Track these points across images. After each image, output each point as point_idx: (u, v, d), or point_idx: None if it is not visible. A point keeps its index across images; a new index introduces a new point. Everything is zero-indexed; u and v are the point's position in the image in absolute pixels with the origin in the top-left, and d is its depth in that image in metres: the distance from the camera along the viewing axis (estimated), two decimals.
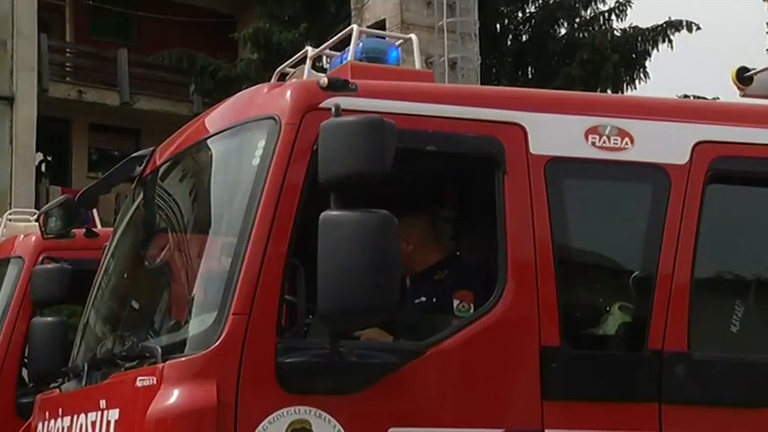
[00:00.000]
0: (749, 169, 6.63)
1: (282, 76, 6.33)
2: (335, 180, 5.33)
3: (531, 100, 6.70)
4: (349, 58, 6.40)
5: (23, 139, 25.66)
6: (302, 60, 6.30)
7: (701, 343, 6.30)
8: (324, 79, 5.95)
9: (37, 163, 26.20)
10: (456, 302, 6.13)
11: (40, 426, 6.97)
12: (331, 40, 6.61)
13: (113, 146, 26.50)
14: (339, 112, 5.48)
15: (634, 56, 26.64)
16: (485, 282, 6.15)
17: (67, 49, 29.09)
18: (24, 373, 9.51)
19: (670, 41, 26.13)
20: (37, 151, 26.20)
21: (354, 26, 6.46)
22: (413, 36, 6.74)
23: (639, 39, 26.61)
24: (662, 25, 26.21)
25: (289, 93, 5.96)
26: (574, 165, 6.27)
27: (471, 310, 6.10)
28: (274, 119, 5.81)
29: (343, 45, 6.53)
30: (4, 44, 25.90)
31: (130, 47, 28.45)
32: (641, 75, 26.50)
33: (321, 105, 5.71)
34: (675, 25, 26.27)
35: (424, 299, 6.25)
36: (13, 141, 25.41)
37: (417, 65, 6.76)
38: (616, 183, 6.46)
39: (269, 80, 6.70)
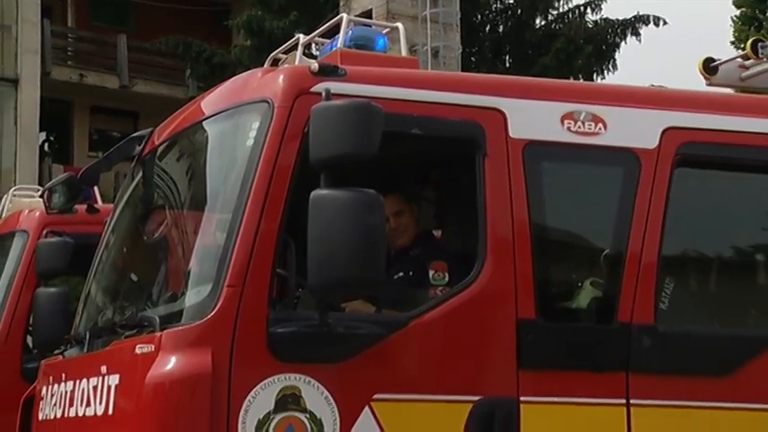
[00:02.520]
0: (714, 154, 6.67)
1: (275, 62, 6.36)
2: (325, 161, 5.38)
3: (511, 86, 6.74)
4: (338, 46, 6.44)
5: (27, 119, 25.68)
6: (294, 47, 6.33)
7: (666, 316, 6.38)
8: (315, 65, 6.00)
9: (40, 142, 26.11)
10: (431, 272, 6.20)
11: (44, 389, 7.00)
12: (321, 28, 6.64)
13: (113, 127, 26.45)
14: (329, 96, 5.54)
15: (604, 47, 26.65)
16: (458, 253, 6.26)
17: (69, 35, 29.00)
18: (29, 340, 9.56)
19: (638, 34, 26.24)
20: (40, 131, 26.11)
21: (344, 15, 6.48)
22: (399, 25, 6.76)
23: (610, 31, 26.65)
24: (631, 19, 26.32)
25: (281, 77, 6.00)
26: (550, 148, 6.32)
27: (446, 279, 6.17)
28: (267, 102, 5.86)
29: (332, 33, 6.57)
30: (9, 29, 25.85)
31: (129, 33, 28.39)
32: (610, 66, 26.55)
33: (312, 90, 5.76)
34: (644, 19, 26.40)
35: (401, 273, 6.29)
36: (17, 122, 25.39)
37: (403, 52, 6.80)
38: (590, 165, 6.52)
39: (262, 66, 6.72)
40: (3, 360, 9.90)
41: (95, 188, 10.07)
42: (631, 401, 6.16)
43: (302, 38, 6.34)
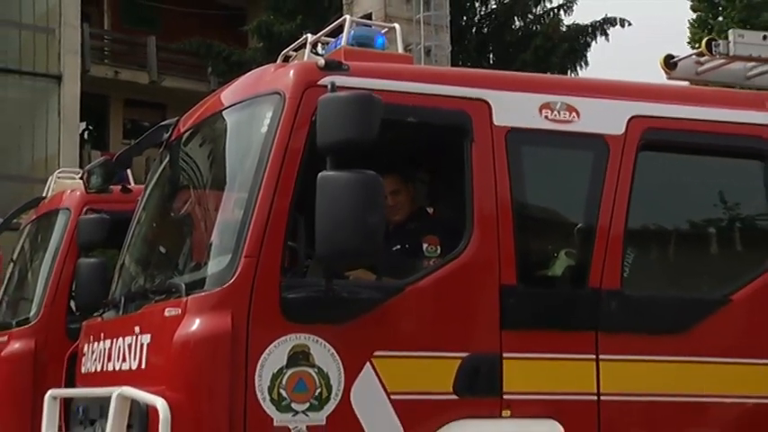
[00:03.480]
0: (674, 139, 6.64)
1: (286, 59, 6.33)
2: (331, 145, 5.38)
3: (495, 80, 6.71)
4: (342, 44, 6.40)
5: (69, 111, 25.60)
6: (303, 45, 6.30)
7: (630, 282, 6.36)
8: (321, 61, 5.97)
9: (80, 131, 26.08)
10: (425, 245, 6.16)
11: (85, 347, 6.99)
12: (327, 28, 6.60)
13: (144, 117, 26.38)
14: (334, 88, 5.54)
15: (577, 46, 26.61)
16: (448, 228, 6.21)
17: (105, 37, 29.01)
18: (72, 304, 9.53)
19: (607, 34, 26.29)
20: (80, 122, 26.08)
21: (347, 16, 6.49)
22: (396, 26, 6.73)
23: (582, 32, 26.60)
24: (600, 21, 26.34)
25: (292, 72, 5.96)
26: (530, 134, 6.28)
27: (438, 251, 6.13)
28: (280, 94, 5.83)
29: (336, 33, 6.54)
30: (53, 31, 25.81)
31: (157, 35, 28.34)
32: (582, 62, 26.52)
33: (319, 83, 5.72)
34: (611, 21, 26.39)
35: (398, 246, 6.25)
36: (60, 114, 25.35)
37: (399, 50, 6.75)
38: (564, 149, 6.47)
39: (273, 62, 6.67)
40: (50, 321, 9.86)
41: (128, 171, 10.09)
42: (600, 356, 6.15)
43: (310, 37, 6.32)
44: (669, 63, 7.45)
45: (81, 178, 10.04)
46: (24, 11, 26.00)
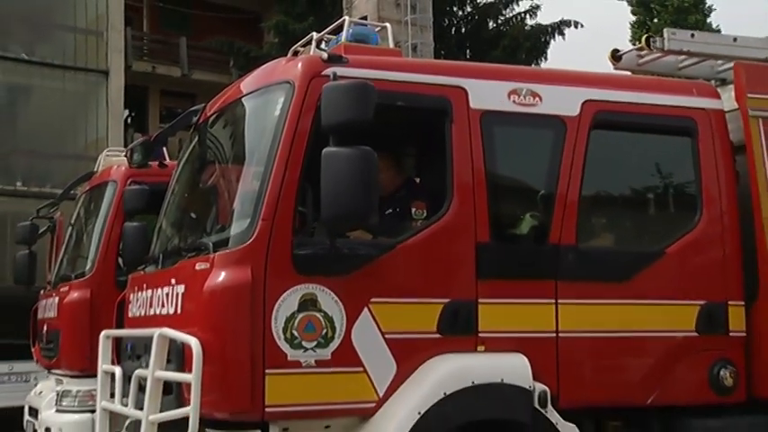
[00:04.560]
0: (620, 119, 6.60)
1: (295, 53, 6.28)
2: (333, 126, 5.33)
3: (471, 70, 6.65)
4: (342, 40, 6.33)
5: (115, 101, 25.50)
6: (309, 42, 6.24)
7: (584, 239, 6.35)
8: (325, 55, 5.91)
9: (124, 117, 26.06)
10: (413, 209, 6.11)
11: (131, 296, 6.95)
12: (329, 27, 6.54)
13: (177, 105, 26.21)
14: (336, 77, 5.47)
15: (539, 44, 26.57)
16: (432, 195, 6.16)
17: (144, 38, 28.94)
18: (119, 260, 9.53)
19: (563, 34, 26.27)
20: (124, 109, 26.06)
21: (346, 18, 6.45)
22: (387, 25, 6.69)
23: (542, 32, 26.56)
24: (557, 23, 26.33)
25: (300, 64, 5.90)
26: (500, 116, 6.23)
27: (424, 214, 6.08)
28: (290, 83, 5.78)
29: (337, 31, 6.47)
30: (101, 34, 25.73)
31: (188, 35, 28.29)
32: (543, 57, 26.50)
33: (323, 73, 5.65)
34: (566, 23, 26.35)
35: (390, 210, 6.19)
36: (108, 103, 25.29)
37: (390, 45, 6.69)
38: (529, 128, 6.43)
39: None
40: (102, 275, 9.88)
41: (164, 149, 10.03)
42: (558, 301, 6.14)
43: (315, 35, 6.26)
44: (615, 56, 7.46)
45: (125, 156, 10.10)
46: (78, 17, 25.78)
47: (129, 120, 26.72)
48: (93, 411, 7.38)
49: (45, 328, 10.87)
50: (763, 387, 6.60)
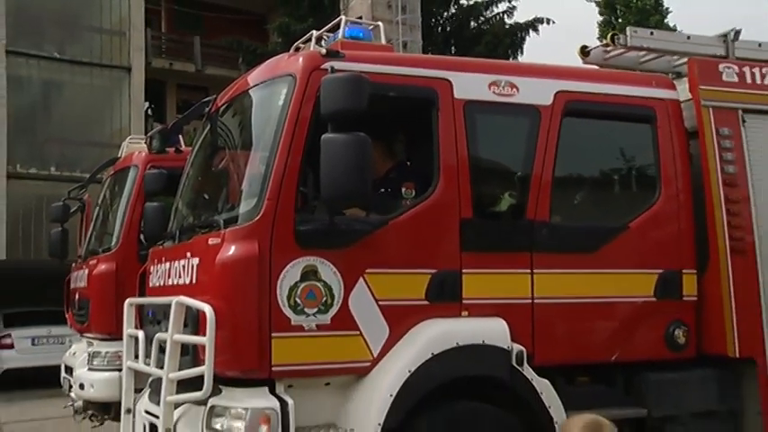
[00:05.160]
0: (588, 108, 6.53)
1: (297, 49, 6.22)
2: (331, 114, 5.27)
3: (455, 64, 6.54)
4: (339, 38, 6.25)
5: (136, 94, 25.43)
6: (309, 39, 6.19)
7: (556, 215, 6.29)
8: (323, 50, 5.84)
9: (145, 109, 26.03)
10: (403, 189, 6.04)
11: (151, 268, 6.90)
12: (328, 26, 6.47)
13: (191, 97, 25.97)
14: (334, 70, 5.44)
15: (516, 40, 26.45)
16: (421, 176, 6.09)
17: (162, 37, 28.83)
18: (141, 236, 9.49)
19: (537, 30, 26.18)
20: (145, 101, 26.02)
21: (343, 17, 6.40)
22: (380, 24, 6.61)
23: (519, 30, 26.45)
24: (532, 20, 26.24)
25: (301, 59, 5.82)
26: (481, 105, 6.16)
27: (413, 193, 6.02)
28: (292, 76, 5.71)
29: (334, 29, 6.40)
30: (124, 34, 25.64)
31: (201, 35, 28.23)
32: (519, 52, 26.37)
33: (322, 67, 5.60)
34: (540, 20, 26.21)
35: (383, 190, 6.13)
36: (130, 96, 25.23)
37: (382, 42, 6.61)
38: (507, 116, 6.35)
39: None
40: (125, 249, 9.86)
41: (180, 136, 9.98)
42: (534, 270, 6.10)
43: (315, 33, 6.20)
44: (584, 52, 7.38)
45: (145, 143, 10.11)
46: (104, 19, 25.67)
47: (149, 111, 26.64)
48: (120, 370, 7.38)
49: (77, 296, 10.89)
50: (710, 344, 6.60)
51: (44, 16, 24.46)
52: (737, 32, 7.30)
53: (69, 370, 10.78)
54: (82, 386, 9.89)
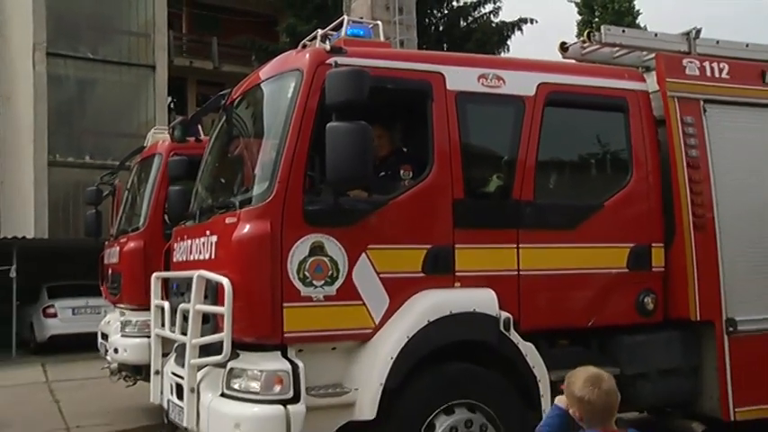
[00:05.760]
0: (568, 99, 6.42)
1: (304, 46, 6.10)
2: (335, 105, 5.19)
3: (448, 59, 6.41)
4: (342, 35, 6.11)
5: (160, 90, 25.35)
6: (315, 37, 6.08)
7: (539, 195, 6.18)
8: (328, 47, 5.74)
9: (168, 103, 25.93)
10: (402, 172, 5.93)
11: (175, 245, 6.81)
12: (331, 25, 6.34)
13: (209, 92, 25.72)
14: (337, 65, 5.35)
15: (502, 38, 26.27)
16: (417, 160, 5.98)
17: (183, 38, 28.68)
18: (165, 217, 9.40)
19: (521, 29, 25.98)
20: (168, 96, 25.92)
21: (345, 17, 6.27)
22: (379, 23, 6.46)
23: (505, 28, 26.26)
24: (517, 20, 26.09)
25: (307, 55, 5.70)
26: (472, 96, 6.04)
27: (411, 175, 5.90)
28: (300, 70, 5.61)
29: (338, 28, 6.25)
30: (149, 36, 25.56)
31: (218, 35, 28.10)
32: (505, 49, 26.16)
33: (327, 62, 5.51)
34: (524, 20, 26.03)
35: (383, 173, 6.02)
36: (155, 91, 25.19)
37: (381, 39, 6.48)
38: (495, 106, 6.22)
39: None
40: (152, 228, 9.75)
41: (199, 127, 9.85)
42: (520, 245, 6.02)
43: (320, 31, 6.09)
44: (563, 47, 7.29)
45: (168, 133, 9.97)
46: (131, 22, 25.62)
47: (171, 105, 26.49)
48: (149, 336, 7.31)
49: (110, 271, 10.83)
50: (675, 309, 6.56)
51: (79, 21, 24.42)
52: (698, 31, 7.21)
53: (105, 336, 10.74)
54: (116, 351, 9.85)
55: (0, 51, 26.93)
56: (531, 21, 26.23)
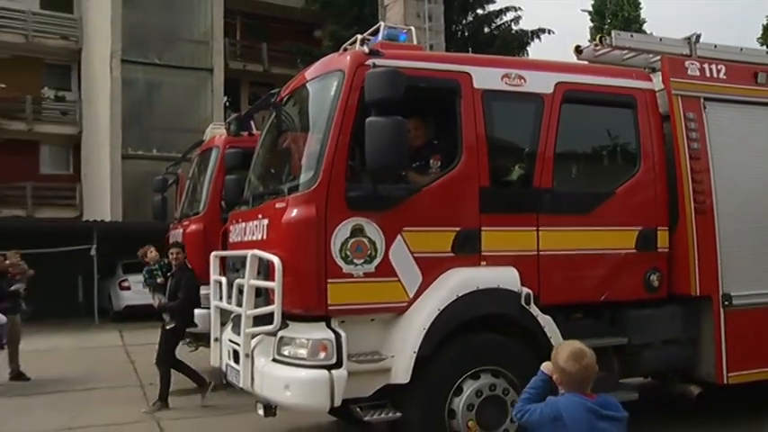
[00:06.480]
0: (582, 96, 6.25)
1: (345, 50, 5.98)
2: (374, 102, 5.08)
3: (474, 60, 6.29)
4: (379, 39, 6.00)
5: (217, 90, 25.39)
6: (355, 41, 5.95)
7: (558, 183, 6.02)
8: (366, 49, 5.61)
9: (224, 101, 25.98)
10: (432, 161, 5.82)
11: (231, 227, 6.74)
12: (369, 30, 6.22)
13: (260, 92, 25.77)
14: (375, 66, 5.25)
15: (522, 44, 25.90)
16: (447, 151, 5.83)
17: (237, 44, 28.58)
18: (222, 202, 9.34)
19: (539, 37, 25.57)
20: (224, 96, 25.96)
21: (382, 22, 6.16)
22: (412, 28, 6.36)
23: (525, 36, 25.87)
24: (536, 29, 25.70)
25: (348, 57, 5.59)
26: (496, 93, 5.88)
27: (440, 164, 5.78)
28: (341, 71, 5.50)
29: (375, 33, 6.14)
30: (207, 43, 25.60)
31: (267, 42, 27.99)
32: (525, 53, 25.67)
33: (366, 63, 5.40)
34: (542, 30, 25.65)
35: (417, 163, 5.86)
36: (212, 92, 25.23)
37: (414, 43, 6.34)
38: (517, 103, 6.04)
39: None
40: (211, 212, 9.68)
41: (252, 122, 9.74)
42: (540, 228, 5.88)
43: (359, 36, 5.97)
44: (578, 50, 7.12)
45: (225, 128, 9.94)
46: (192, 31, 25.61)
47: (227, 103, 26.47)
48: (209, 308, 7.25)
49: None
50: (678, 286, 6.44)
51: (148, 32, 24.51)
52: (698, 36, 7.08)
53: None
54: None
55: (85, 60, 27.22)
56: (549, 31, 25.81)
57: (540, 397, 3.63)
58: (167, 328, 8.78)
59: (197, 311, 9.26)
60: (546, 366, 3.67)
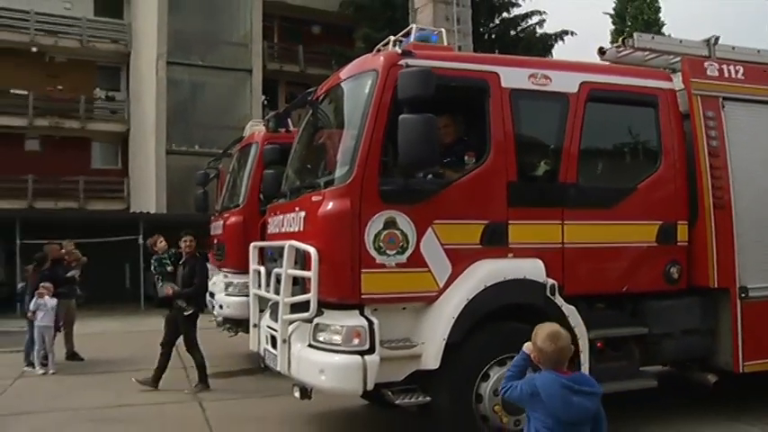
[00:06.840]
0: (606, 95, 6.10)
1: (378, 51, 5.88)
2: (406, 100, 5.01)
3: (502, 60, 6.15)
4: (411, 40, 5.90)
5: (256, 90, 25.41)
6: (388, 43, 5.86)
7: (582, 178, 5.91)
8: (399, 50, 5.52)
9: (262, 100, 25.99)
10: (466, 158, 5.69)
11: (269, 219, 6.70)
12: (402, 32, 6.12)
13: (297, 91, 25.69)
14: (408, 66, 5.17)
15: (546, 46, 25.54)
16: (477, 148, 5.71)
17: (275, 46, 28.49)
18: (261, 195, 9.31)
19: (563, 39, 25.19)
20: (263, 95, 25.96)
21: (413, 25, 6.07)
22: (442, 30, 6.21)
23: (549, 38, 25.52)
24: (559, 32, 25.31)
25: (382, 57, 5.50)
26: (523, 92, 5.76)
27: (474, 160, 5.66)
28: (375, 71, 5.41)
29: (407, 35, 6.04)
30: (247, 45, 25.62)
31: (303, 44, 27.93)
32: (549, 55, 25.26)
33: (398, 63, 5.30)
34: (565, 32, 25.25)
35: (448, 159, 5.76)
36: (251, 91, 25.28)
37: (444, 44, 6.22)
38: (543, 101, 5.91)
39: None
40: (250, 204, 9.63)
41: (289, 120, 9.67)
42: (564, 222, 5.77)
43: (392, 38, 5.88)
44: (602, 51, 6.94)
45: (263, 125, 9.90)
46: (233, 34, 25.64)
47: (265, 102, 26.42)
48: (248, 295, 7.22)
49: (216, 240, 10.83)
50: (697, 278, 6.30)
51: (192, 35, 24.65)
52: (717, 38, 6.96)
53: (212, 295, 10.72)
54: (221, 307, 9.84)
55: (133, 62, 27.48)
56: (572, 33, 25.45)
57: (522, 374, 3.72)
58: (185, 314, 8.68)
59: (235, 299, 9.27)
60: (527, 346, 3.73)
